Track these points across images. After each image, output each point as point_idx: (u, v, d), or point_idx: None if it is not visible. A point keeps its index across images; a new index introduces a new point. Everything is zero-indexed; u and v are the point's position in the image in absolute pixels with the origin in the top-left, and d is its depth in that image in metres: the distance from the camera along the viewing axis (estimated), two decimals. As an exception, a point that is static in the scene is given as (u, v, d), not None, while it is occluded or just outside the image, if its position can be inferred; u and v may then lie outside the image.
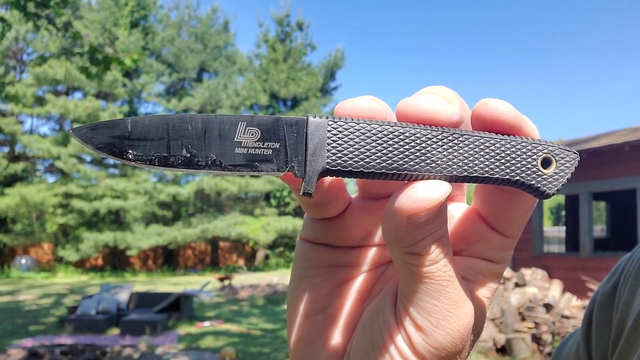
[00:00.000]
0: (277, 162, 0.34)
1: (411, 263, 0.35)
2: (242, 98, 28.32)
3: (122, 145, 0.34)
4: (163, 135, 0.34)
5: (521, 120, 0.35)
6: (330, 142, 0.34)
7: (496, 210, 0.39)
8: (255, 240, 25.92)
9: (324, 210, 0.41)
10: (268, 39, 30.63)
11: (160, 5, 29.64)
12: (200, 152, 0.34)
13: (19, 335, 9.29)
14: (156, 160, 0.34)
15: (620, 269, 0.75)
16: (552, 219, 46.91)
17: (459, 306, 0.36)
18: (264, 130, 0.34)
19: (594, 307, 0.76)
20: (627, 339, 0.66)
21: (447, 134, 0.34)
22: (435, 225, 0.34)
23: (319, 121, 0.34)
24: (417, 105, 0.34)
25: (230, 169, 0.34)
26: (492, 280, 0.41)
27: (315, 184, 0.34)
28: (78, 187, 24.05)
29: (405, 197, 0.33)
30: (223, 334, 9.61)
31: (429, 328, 0.36)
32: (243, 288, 16.34)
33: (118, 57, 6.33)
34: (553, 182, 0.35)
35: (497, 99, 0.35)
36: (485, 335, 7.59)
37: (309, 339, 0.44)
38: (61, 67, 22.94)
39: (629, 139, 10.32)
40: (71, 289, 17.29)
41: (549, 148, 0.35)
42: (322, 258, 0.43)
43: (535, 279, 9.67)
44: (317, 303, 0.43)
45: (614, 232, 15.83)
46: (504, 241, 0.40)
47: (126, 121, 0.34)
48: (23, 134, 24.72)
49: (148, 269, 26.70)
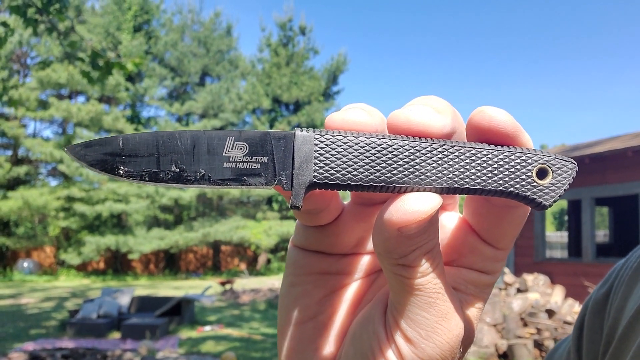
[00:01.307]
0: (266, 175, 0.35)
1: (401, 275, 0.35)
2: (245, 102, 28.36)
3: (114, 161, 0.35)
4: (153, 152, 0.35)
5: (519, 130, 0.35)
6: (317, 156, 0.34)
7: (486, 224, 0.38)
8: (257, 244, 25.90)
9: (316, 218, 0.40)
10: (271, 43, 30.69)
11: (163, 10, 29.75)
12: (189, 167, 0.35)
13: (21, 339, 9.29)
14: (146, 176, 0.35)
15: (614, 275, 0.74)
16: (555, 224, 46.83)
17: (449, 318, 0.36)
18: (251, 144, 0.35)
19: (586, 312, 0.76)
20: (617, 345, 0.65)
21: (437, 146, 0.34)
22: (426, 237, 0.34)
23: (306, 135, 0.34)
24: (407, 117, 0.34)
25: (218, 184, 0.35)
26: (483, 290, 0.40)
27: (304, 197, 0.35)
28: (80, 191, 24.09)
29: (395, 210, 0.33)
30: (224, 338, 9.59)
31: (419, 340, 0.36)
32: (244, 292, 16.32)
33: (120, 62, 6.35)
34: (549, 193, 0.34)
35: (494, 107, 0.34)
36: (487, 341, 7.56)
37: (299, 348, 0.43)
38: (64, 71, 23.01)
39: (631, 144, 10.30)
40: (73, 293, 17.29)
41: (544, 158, 0.35)
42: (314, 265, 0.43)
43: (538, 284, 9.64)
44: (308, 311, 0.43)
45: (617, 238, 15.79)
46: (496, 253, 0.39)
47: (118, 138, 0.35)
48: (26, 138, 24.79)
49: (150, 273, 26.69)
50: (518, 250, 12.73)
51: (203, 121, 27.67)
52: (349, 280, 0.43)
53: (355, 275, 0.43)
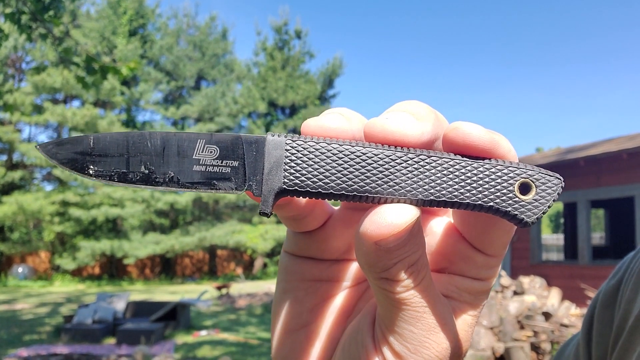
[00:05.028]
0: (236, 180, 0.34)
1: (385, 289, 0.34)
2: (240, 106, 28.37)
3: (84, 161, 0.34)
4: (123, 152, 0.34)
5: (496, 144, 0.33)
6: (287, 162, 0.33)
7: (475, 231, 0.37)
8: (253, 248, 25.85)
9: (302, 224, 0.40)
10: (266, 47, 30.73)
11: (158, 14, 29.78)
12: (158, 169, 0.34)
13: (15, 345, 9.22)
14: (115, 176, 0.34)
15: (624, 267, 0.73)
16: (551, 226, 46.96)
17: (437, 332, 0.35)
18: (222, 148, 0.34)
19: (596, 305, 0.74)
20: (627, 337, 0.64)
21: (413, 155, 0.33)
22: (408, 250, 0.32)
23: (277, 140, 0.34)
24: (383, 126, 0.33)
25: (187, 187, 0.34)
26: (478, 297, 0.39)
27: (273, 204, 0.34)
28: (75, 196, 24.01)
29: (369, 222, 0.32)
30: (220, 343, 9.55)
31: (406, 354, 0.35)
32: (241, 297, 16.27)
33: (114, 67, 6.32)
34: (532, 210, 0.33)
35: (468, 123, 0.33)
36: (483, 344, 7.54)
37: (290, 356, 0.42)
38: (59, 76, 22.97)
39: (626, 147, 10.33)
40: (68, 298, 17.20)
41: (528, 172, 0.33)
42: (305, 272, 0.42)
43: (534, 287, 9.64)
44: (299, 318, 0.42)
45: (613, 240, 15.82)
46: (487, 260, 0.38)
47: (89, 137, 0.35)
48: (21, 142, 24.71)
49: (145, 278, 26.59)
50: (514, 252, 12.75)
51: (199, 125, 27.65)
52: (340, 289, 0.42)
53: (346, 283, 0.42)
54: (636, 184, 10.40)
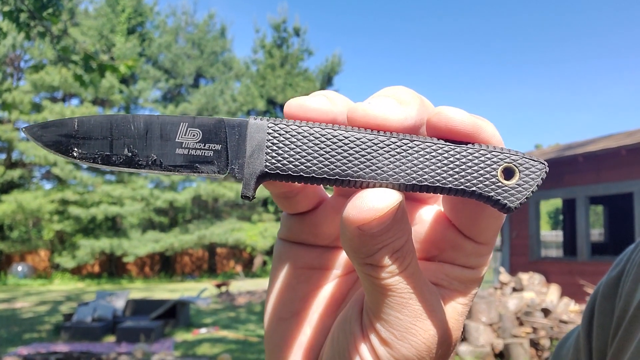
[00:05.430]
0: (218, 163, 0.34)
1: (370, 275, 0.33)
2: (239, 104, 28.33)
3: (68, 143, 0.35)
4: (107, 135, 0.34)
5: (479, 127, 0.33)
6: (269, 145, 0.33)
7: (464, 218, 0.36)
8: (252, 246, 25.86)
9: (293, 204, 0.40)
10: (265, 44, 30.67)
11: (157, 12, 29.70)
12: (141, 152, 0.34)
13: (15, 343, 9.22)
14: (99, 159, 0.34)
15: (625, 258, 0.73)
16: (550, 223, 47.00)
17: (423, 319, 0.35)
18: (205, 131, 0.34)
19: (597, 296, 0.74)
20: (627, 327, 0.64)
21: (396, 140, 0.33)
22: (392, 235, 0.32)
23: (259, 123, 0.34)
24: (365, 110, 0.33)
25: (170, 169, 0.34)
26: (469, 286, 0.38)
27: (255, 187, 0.34)
28: (75, 194, 23.99)
29: (352, 207, 0.32)
30: (220, 341, 9.56)
31: (393, 341, 0.35)
32: (240, 294, 16.28)
33: (113, 65, 6.31)
34: (515, 195, 0.32)
35: (451, 108, 0.33)
36: (483, 340, 7.55)
37: (282, 344, 0.43)
38: (58, 74, 22.94)
39: (625, 143, 10.33)
40: (67, 296, 17.20)
41: (511, 157, 0.33)
42: (298, 258, 0.42)
43: (533, 283, 9.65)
44: (291, 305, 0.42)
45: (612, 236, 15.84)
46: (478, 248, 0.37)
47: (73, 120, 0.35)
48: (20, 141, 24.67)
49: (145, 276, 26.60)
50: (513, 249, 12.76)
51: (198, 123, 27.59)
52: (332, 277, 0.43)
53: (337, 272, 0.43)
54: (635, 180, 10.40)
